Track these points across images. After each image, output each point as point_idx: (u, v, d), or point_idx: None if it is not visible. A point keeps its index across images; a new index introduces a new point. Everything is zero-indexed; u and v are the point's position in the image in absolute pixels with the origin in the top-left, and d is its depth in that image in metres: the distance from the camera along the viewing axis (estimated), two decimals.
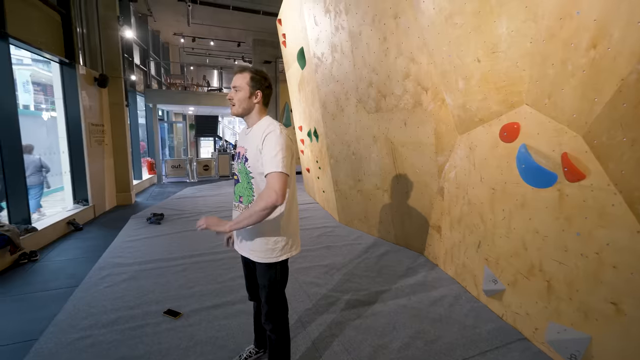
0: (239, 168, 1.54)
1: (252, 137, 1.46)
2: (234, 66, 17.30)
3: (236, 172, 1.56)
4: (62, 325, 2.30)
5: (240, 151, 1.52)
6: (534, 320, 2.08)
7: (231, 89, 1.49)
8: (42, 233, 4.08)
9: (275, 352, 1.60)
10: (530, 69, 1.89)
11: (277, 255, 1.50)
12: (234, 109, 1.48)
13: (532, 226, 2.01)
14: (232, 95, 1.47)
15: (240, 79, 1.45)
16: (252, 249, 1.51)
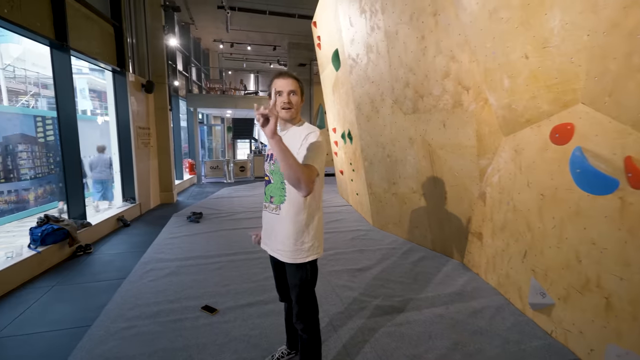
0: (271, 169, 1.55)
1: (289, 139, 1.46)
2: (270, 70, 17.75)
3: (267, 174, 1.57)
4: (111, 314, 2.48)
5: (273, 153, 1.51)
6: (589, 340, 1.89)
7: (283, 92, 1.45)
8: (95, 228, 4.43)
9: (307, 351, 1.61)
10: (588, 65, 1.73)
11: (306, 256, 1.51)
12: (291, 113, 1.47)
13: (588, 237, 1.83)
14: (290, 99, 1.45)
15: (295, 84, 1.47)
16: (282, 250, 1.52)
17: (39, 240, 3.43)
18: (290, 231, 1.49)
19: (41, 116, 6.49)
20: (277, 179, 1.52)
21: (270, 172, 1.55)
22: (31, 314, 2.54)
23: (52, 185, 6.53)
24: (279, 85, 1.46)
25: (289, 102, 1.45)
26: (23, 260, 3.12)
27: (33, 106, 8.53)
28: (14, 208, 5.58)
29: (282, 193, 1.51)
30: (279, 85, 1.46)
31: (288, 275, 1.57)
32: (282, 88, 1.45)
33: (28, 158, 6.00)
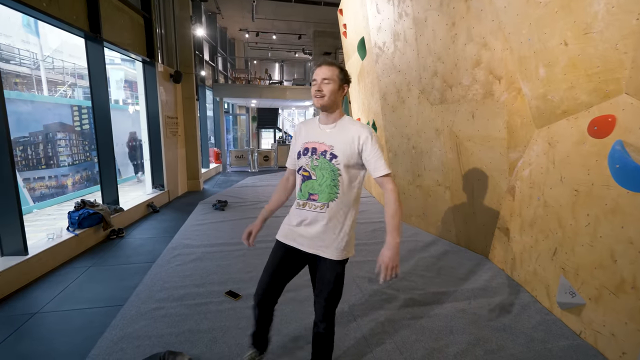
0: (313, 165, 1.44)
1: (339, 133, 1.43)
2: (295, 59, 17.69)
3: (308, 169, 1.45)
4: (141, 295, 2.62)
5: (316, 147, 1.44)
6: (621, 343, 1.80)
7: (317, 80, 1.41)
8: (127, 213, 4.66)
9: (326, 348, 1.60)
10: (635, 52, 1.61)
11: (347, 251, 1.49)
12: (324, 100, 1.40)
13: (625, 235, 1.73)
14: (321, 86, 1.40)
15: (330, 71, 1.40)
16: (326, 246, 1.45)
17: (77, 224, 3.66)
18: (339, 228, 1.44)
19: (77, 105, 6.83)
20: (326, 176, 1.43)
21: (312, 168, 1.44)
22: (70, 291, 2.73)
23: (88, 172, 6.92)
24: (314, 74, 1.44)
25: (320, 89, 1.40)
26: (62, 242, 3.34)
27: (70, 96, 9.00)
28: (54, 193, 5.97)
29: (333, 191, 1.43)
30: (314, 74, 1.44)
31: (322, 272, 1.49)
32: (316, 76, 1.42)
33: (66, 146, 6.36)
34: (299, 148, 1.48)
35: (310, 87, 1.51)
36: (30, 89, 8.14)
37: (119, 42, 4.74)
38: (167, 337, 2.09)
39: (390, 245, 1.34)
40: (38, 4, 3.17)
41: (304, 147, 1.47)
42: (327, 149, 1.42)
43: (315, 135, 1.47)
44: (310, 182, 1.45)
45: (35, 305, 2.51)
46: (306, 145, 1.47)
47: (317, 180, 1.43)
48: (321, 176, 1.43)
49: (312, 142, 1.46)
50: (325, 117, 1.47)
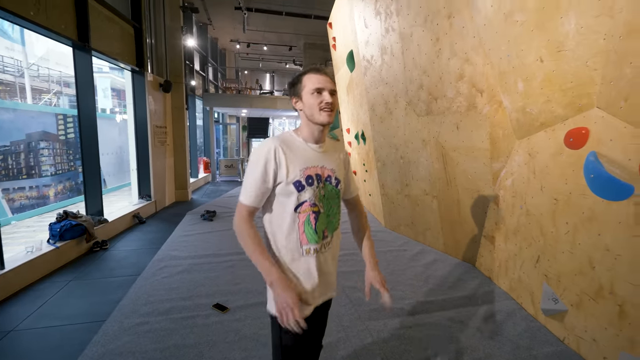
0: (322, 194, 1.17)
1: (332, 155, 1.24)
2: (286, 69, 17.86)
3: (316, 202, 1.15)
4: (125, 310, 2.56)
5: (319, 173, 1.17)
6: (602, 348, 1.85)
7: (324, 90, 1.14)
8: (112, 224, 4.57)
9: None
10: (604, 69, 1.70)
11: None
12: (332, 116, 1.16)
13: (602, 243, 1.79)
14: (330, 99, 1.14)
15: (333, 83, 1.18)
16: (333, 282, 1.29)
17: (58, 236, 3.57)
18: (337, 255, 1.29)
19: (62, 114, 6.73)
20: (334, 205, 1.22)
21: (320, 200, 1.16)
22: (48, 307, 2.64)
23: (72, 182, 6.77)
24: (316, 81, 1.15)
25: (330, 102, 1.14)
26: (42, 254, 3.24)
27: (55, 104, 8.86)
28: (35, 204, 5.81)
29: (338, 218, 1.25)
30: (316, 81, 1.15)
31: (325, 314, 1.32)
32: (323, 85, 1.14)
33: (49, 155, 6.23)
34: (297, 177, 1.12)
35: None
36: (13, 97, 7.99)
37: (108, 51, 4.73)
38: (151, 353, 2.04)
39: (375, 265, 1.30)
40: (25, 13, 3.16)
41: (306, 175, 1.14)
42: (330, 174, 1.20)
43: (311, 158, 1.18)
44: (322, 217, 1.18)
45: (11, 322, 2.42)
46: (308, 172, 1.15)
47: (326, 211, 1.19)
48: (329, 207, 1.20)
49: (313, 167, 1.17)
50: (319, 134, 1.19)
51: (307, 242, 1.15)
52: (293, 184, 1.11)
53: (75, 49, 4.13)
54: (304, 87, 1.16)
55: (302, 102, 1.17)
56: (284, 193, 1.13)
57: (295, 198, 1.12)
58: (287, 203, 1.13)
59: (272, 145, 1.13)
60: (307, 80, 1.16)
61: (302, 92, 1.16)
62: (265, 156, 1.11)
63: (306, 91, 1.15)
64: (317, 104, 1.13)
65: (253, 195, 1.12)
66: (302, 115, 1.20)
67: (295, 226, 1.14)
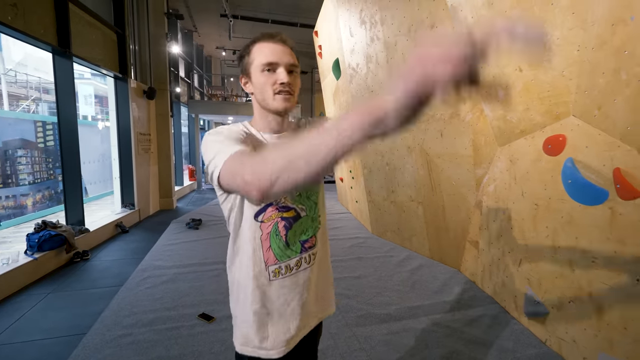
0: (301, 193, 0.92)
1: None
2: None
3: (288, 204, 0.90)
4: (107, 322, 2.47)
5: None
6: (582, 349, 1.90)
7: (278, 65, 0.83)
8: (93, 234, 4.43)
9: None
10: (578, 78, 1.78)
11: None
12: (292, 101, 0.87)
13: (580, 246, 1.86)
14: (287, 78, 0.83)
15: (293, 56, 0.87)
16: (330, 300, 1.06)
17: (36, 247, 3.44)
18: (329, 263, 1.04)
19: (41, 121, 6.53)
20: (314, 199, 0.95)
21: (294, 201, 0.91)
22: (26, 321, 2.53)
23: (51, 191, 6.55)
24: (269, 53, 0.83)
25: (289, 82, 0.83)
26: (19, 266, 3.11)
27: (33, 111, 8.60)
28: (12, 214, 5.59)
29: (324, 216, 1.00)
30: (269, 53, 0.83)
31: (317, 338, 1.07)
32: (278, 58, 0.83)
33: (27, 163, 6.02)
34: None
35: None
36: None
37: (90, 57, 4.64)
38: None
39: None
40: (2, 18, 3.07)
41: None
42: None
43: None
44: (301, 222, 0.92)
45: None
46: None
47: (309, 214, 0.94)
48: (310, 206, 0.94)
49: None
50: (277, 124, 0.91)
51: (276, 260, 0.88)
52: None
53: (55, 54, 4.04)
54: (252, 62, 0.85)
55: (252, 83, 0.87)
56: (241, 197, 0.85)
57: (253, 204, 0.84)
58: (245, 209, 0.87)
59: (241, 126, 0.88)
60: (257, 52, 0.84)
61: (251, 68, 0.85)
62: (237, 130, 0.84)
63: (255, 67, 0.84)
64: (270, 84, 0.83)
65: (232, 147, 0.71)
66: (253, 99, 0.90)
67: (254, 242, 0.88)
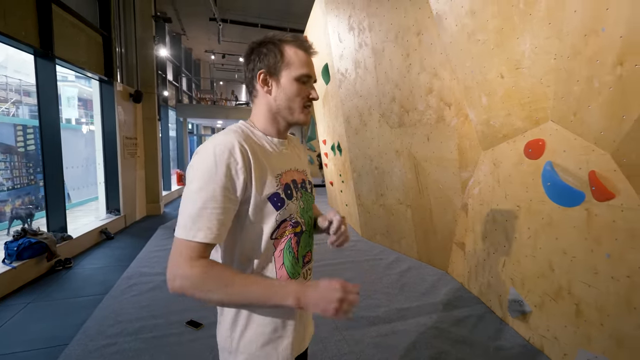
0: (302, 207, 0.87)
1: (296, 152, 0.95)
2: None
3: (297, 219, 0.85)
4: (90, 332, 2.42)
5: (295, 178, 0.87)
6: (562, 346, 1.96)
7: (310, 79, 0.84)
8: (76, 241, 4.32)
9: None
10: (555, 86, 1.86)
11: None
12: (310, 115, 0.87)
13: (560, 246, 1.92)
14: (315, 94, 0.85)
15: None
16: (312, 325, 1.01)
17: (15, 255, 3.33)
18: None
19: (22, 125, 6.35)
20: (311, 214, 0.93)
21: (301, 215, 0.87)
22: (4, 333, 2.45)
23: (32, 197, 6.36)
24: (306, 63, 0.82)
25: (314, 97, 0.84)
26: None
27: (14, 114, 8.36)
28: None
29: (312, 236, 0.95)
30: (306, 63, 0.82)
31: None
32: (312, 71, 0.84)
33: (6, 168, 5.84)
34: (274, 188, 0.78)
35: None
36: None
37: (74, 59, 4.56)
38: None
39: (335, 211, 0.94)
40: None
41: (284, 184, 0.82)
42: (304, 178, 0.92)
43: (281, 160, 0.85)
44: (304, 238, 0.88)
45: None
46: (285, 178, 0.83)
47: (307, 229, 0.89)
48: (309, 221, 0.90)
49: (288, 171, 0.86)
50: (285, 128, 0.89)
51: (288, 277, 0.82)
52: (269, 199, 0.77)
53: (37, 56, 3.95)
54: (288, 66, 0.80)
55: (277, 86, 0.81)
56: (257, 212, 0.77)
57: (272, 219, 0.78)
58: (259, 228, 0.78)
59: (234, 142, 0.74)
60: (293, 57, 0.80)
61: (283, 71, 0.80)
62: (227, 158, 0.72)
63: (289, 73, 0.80)
64: (301, 97, 0.81)
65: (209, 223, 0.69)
66: (265, 99, 0.83)
67: (271, 259, 0.80)
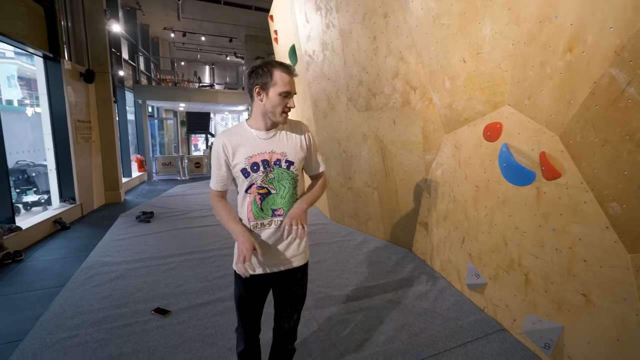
0: (269, 178, 1.32)
1: (287, 139, 1.35)
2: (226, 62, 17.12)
3: (264, 184, 1.32)
4: (47, 325, 2.29)
5: (266, 158, 1.31)
6: (512, 312, 2.15)
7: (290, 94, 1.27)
8: (26, 232, 4.02)
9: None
10: (512, 71, 1.95)
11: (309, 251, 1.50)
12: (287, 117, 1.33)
13: (512, 222, 2.07)
14: (294, 104, 1.30)
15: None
16: (295, 255, 1.40)
17: None
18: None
19: None
20: (287, 186, 1.34)
21: (269, 182, 1.32)
22: None
23: None
24: (288, 83, 1.25)
25: (292, 106, 1.29)
26: None
27: None
28: None
29: (294, 199, 1.36)
30: (288, 83, 1.25)
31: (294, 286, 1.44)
32: (292, 88, 1.26)
33: None
34: (243, 165, 1.29)
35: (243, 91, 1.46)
36: None
37: (11, 32, 4.09)
38: None
39: (296, 206, 1.33)
40: None
41: (251, 163, 1.30)
42: (280, 157, 1.32)
43: (257, 146, 1.31)
44: (272, 197, 1.33)
45: None
46: (252, 159, 1.30)
47: (280, 192, 1.33)
48: (281, 187, 1.33)
49: (259, 153, 1.30)
50: (270, 124, 1.33)
51: (254, 218, 1.34)
52: (240, 171, 1.30)
53: None
54: (274, 85, 1.24)
55: (267, 97, 1.26)
56: (237, 177, 1.33)
57: (244, 182, 1.31)
58: (241, 185, 1.33)
59: (219, 142, 1.31)
60: (278, 78, 1.24)
61: (271, 88, 1.25)
62: (217, 150, 1.32)
63: (275, 90, 1.24)
64: (281, 106, 1.26)
65: (215, 181, 1.36)
66: (259, 104, 1.29)
67: (245, 204, 1.35)
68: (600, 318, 1.59)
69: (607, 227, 1.49)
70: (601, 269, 1.55)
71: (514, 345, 2.07)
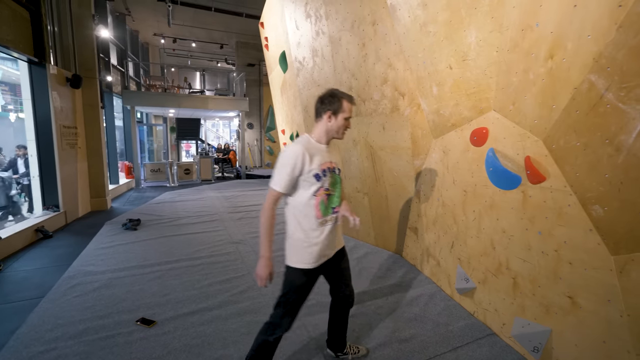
0: (332, 181, 1.65)
1: (334, 151, 1.73)
2: (217, 68, 17.10)
3: (328, 187, 1.63)
4: (24, 338, 2.20)
5: (328, 166, 1.64)
6: (501, 316, 2.16)
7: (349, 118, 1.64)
8: (6, 241, 3.88)
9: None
10: (497, 77, 1.99)
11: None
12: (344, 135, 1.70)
13: (500, 226, 2.09)
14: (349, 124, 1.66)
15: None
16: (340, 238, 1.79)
17: None
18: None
19: None
20: (339, 188, 1.70)
21: (331, 185, 1.64)
22: None
23: None
24: (349, 111, 1.63)
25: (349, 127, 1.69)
26: None
27: None
28: None
29: (342, 195, 1.75)
30: (349, 111, 1.63)
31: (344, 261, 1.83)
32: (351, 114, 1.65)
33: None
34: (317, 171, 1.58)
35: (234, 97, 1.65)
36: None
37: None
38: None
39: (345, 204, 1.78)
40: None
41: (322, 169, 1.60)
42: (335, 166, 1.67)
43: (324, 156, 1.63)
44: (332, 198, 1.66)
45: None
46: (323, 167, 1.61)
47: (336, 194, 1.67)
48: (337, 190, 1.68)
49: (325, 162, 1.62)
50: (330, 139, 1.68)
51: (322, 216, 1.62)
52: (314, 176, 1.57)
53: None
54: (342, 112, 1.61)
55: (335, 120, 1.62)
56: (307, 181, 1.57)
57: (312, 185, 1.58)
58: (308, 188, 1.59)
59: (300, 149, 1.57)
60: (345, 107, 1.62)
61: (339, 114, 1.61)
62: (295, 156, 1.55)
63: (342, 115, 1.61)
64: (343, 127, 1.65)
65: (282, 183, 1.56)
66: (325, 124, 1.63)
67: (311, 205, 1.60)
68: (586, 320, 1.60)
69: (590, 230, 1.52)
70: (586, 271, 1.57)
71: (504, 349, 2.07)
